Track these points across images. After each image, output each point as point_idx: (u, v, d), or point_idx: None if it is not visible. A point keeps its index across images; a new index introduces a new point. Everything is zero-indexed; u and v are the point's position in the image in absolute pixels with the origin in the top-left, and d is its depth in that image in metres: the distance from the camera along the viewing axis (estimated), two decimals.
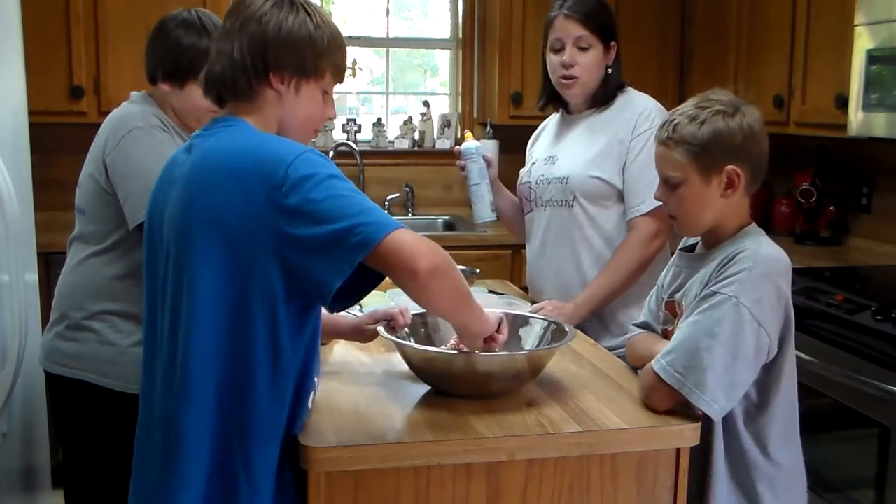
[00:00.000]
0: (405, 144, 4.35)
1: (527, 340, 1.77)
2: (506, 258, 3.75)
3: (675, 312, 1.65)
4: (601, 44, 2.22)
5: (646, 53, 3.92)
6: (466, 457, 1.41)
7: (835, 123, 2.98)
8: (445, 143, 4.31)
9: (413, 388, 1.65)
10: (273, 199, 1.30)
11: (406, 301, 1.76)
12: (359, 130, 4.31)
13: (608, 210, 2.21)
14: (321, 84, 1.48)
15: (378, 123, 4.36)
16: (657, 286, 1.77)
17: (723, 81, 3.55)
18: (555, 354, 1.70)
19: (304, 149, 1.35)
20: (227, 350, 1.34)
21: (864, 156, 3.39)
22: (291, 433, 1.41)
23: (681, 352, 1.50)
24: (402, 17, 4.57)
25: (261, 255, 1.31)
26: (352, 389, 1.65)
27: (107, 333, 1.95)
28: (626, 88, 2.29)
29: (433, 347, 1.72)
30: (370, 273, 1.37)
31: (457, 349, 1.65)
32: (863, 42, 2.78)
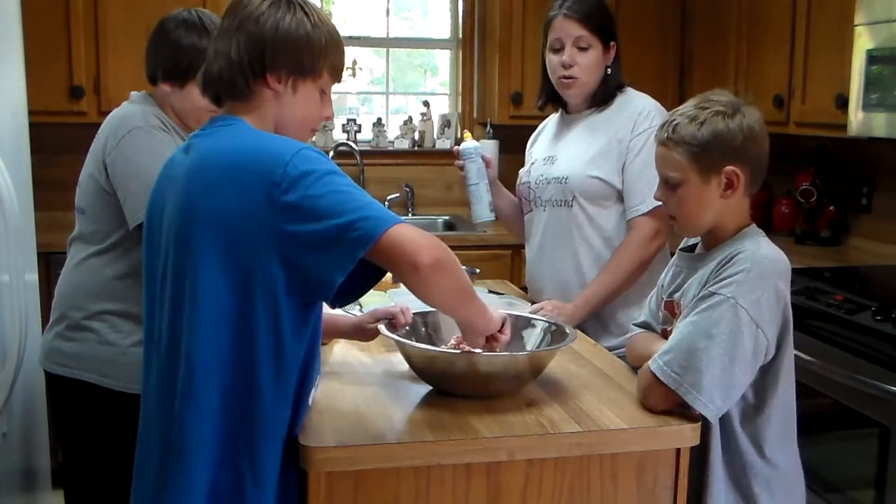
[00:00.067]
0: (405, 144, 4.35)
1: (528, 341, 1.76)
2: (506, 258, 3.75)
3: (674, 312, 1.65)
4: (600, 44, 2.22)
5: (646, 53, 3.92)
6: (466, 457, 1.41)
7: (835, 123, 2.98)
8: (445, 143, 4.31)
9: (413, 388, 1.65)
10: (272, 197, 1.30)
11: (406, 301, 1.76)
12: (359, 130, 4.30)
13: (607, 210, 2.21)
14: (318, 83, 1.48)
15: (378, 123, 4.35)
16: (657, 286, 1.77)
17: (723, 81, 3.56)
18: (556, 355, 1.70)
19: (303, 146, 1.35)
20: (230, 348, 1.34)
21: (864, 156, 3.39)
22: (293, 432, 1.41)
23: (678, 352, 1.50)
24: (402, 17, 4.57)
25: (261, 253, 1.31)
26: (352, 389, 1.65)
27: (107, 333, 1.95)
28: (626, 88, 2.29)
29: (434, 347, 1.72)
30: (371, 268, 1.37)
31: (458, 349, 1.65)
32: (863, 42, 2.78)
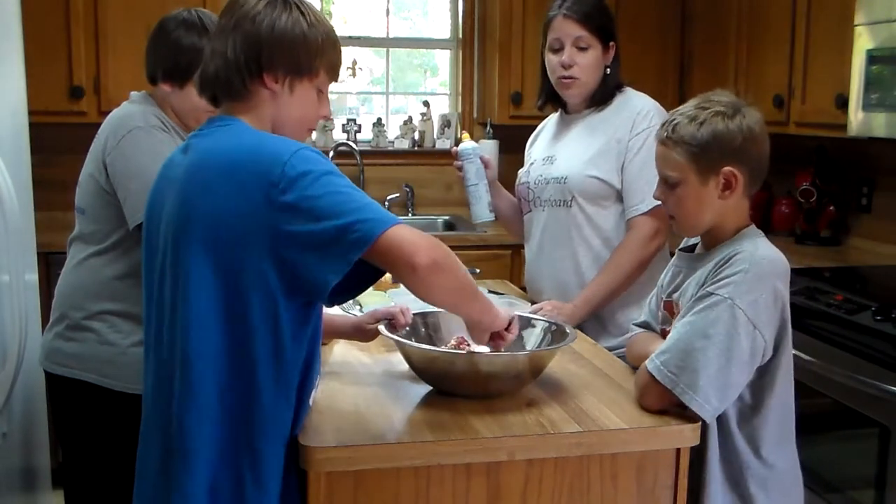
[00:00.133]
0: (405, 144, 4.35)
1: (528, 341, 1.76)
2: (506, 258, 3.75)
3: (673, 312, 1.65)
4: (600, 44, 2.22)
5: (646, 53, 3.92)
6: (466, 457, 1.41)
7: (835, 123, 2.98)
8: (445, 143, 4.31)
9: (413, 388, 1.65)
10: (270, 197, 1.30)
11: (406, 301, 1.76)
12: (359, 130, 4.30)
13: (606, 210, 2.21)
14: (315, 82, 1.48)
15: (378, 123, 4.35)
16: (657, 286, 1.77)
17: (723, 81, 3.56)
18: (556, 355, 1.70)
19: (301, 146, 1.35)
20: (225, 347, 1.34)
21: (864, 156, 3.39)
22: (294, 433, 1.41)
23: (674, 352, 1.50)
24: (402, 17, 4.57)
25: (259, 253, 1.31)
26: (352, 389, 1.65)
27: (107, 333, 1.95)
28: (625, 88, 2.29)
29: (434, 347, 1.72)
30: (370, 268, 1.37)
31: (458, 349, 1.65)
32: (863, 42, 2.78)
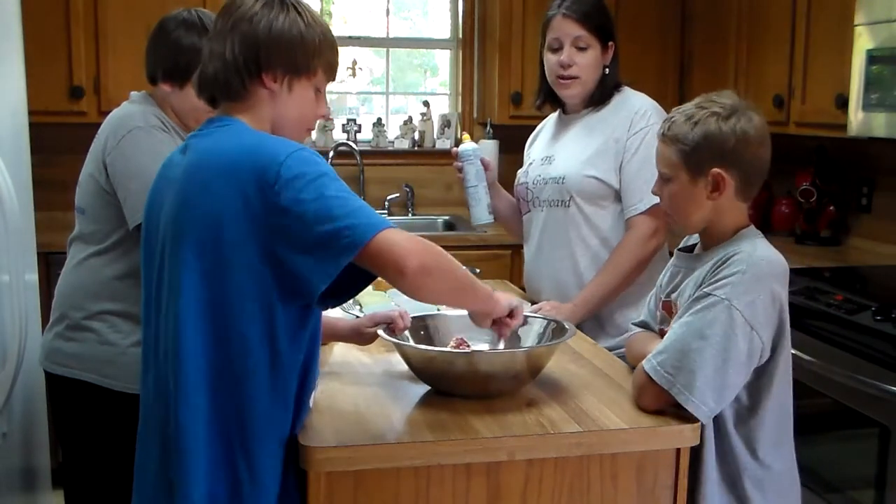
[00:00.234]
0: (405, 144, 4.35)
1: (526, 339, 1.76)
2: (506, 258, 3.75)
3: (672, 312, 1.64)
4: (599, 44, 2.22)
5: (646, 53, 3.92)
6: (466, 457, 1.41)
7: (835, 123, 2.98)
8: (445, 144, 4.31)
9: (413, 388, 1.65)
10: (266, 198, 1.30)
11: (406, 301, 1.76)
12: (359, 130, 4.30)
13: (604, 210, 2.21)
14: (313, 82, 1.48)
15: (378, 123, 4.35)
16: (656, 286, 1.77)
17: (723, 81, 3.57)
18: (555, 353, 1.69)
19: (298, 147, 1.35)
20: (216, 348, 1.34)
21: (864, 156, 3.39)
22: (294, 433, 1.41)
23: (671, 352, 1.50)
24: (402, 17, 4.57)
25: (256, 253, 1.31)
26: (352, 389, 1.65)
27: (107, 333, 1.95)
28: (623, 88, 2.29)
29: (433, 347, 1.72)
30: (361, 271, 1.37)
31: (457, 349, 1.65)
32: (863, 42, 2.78)
